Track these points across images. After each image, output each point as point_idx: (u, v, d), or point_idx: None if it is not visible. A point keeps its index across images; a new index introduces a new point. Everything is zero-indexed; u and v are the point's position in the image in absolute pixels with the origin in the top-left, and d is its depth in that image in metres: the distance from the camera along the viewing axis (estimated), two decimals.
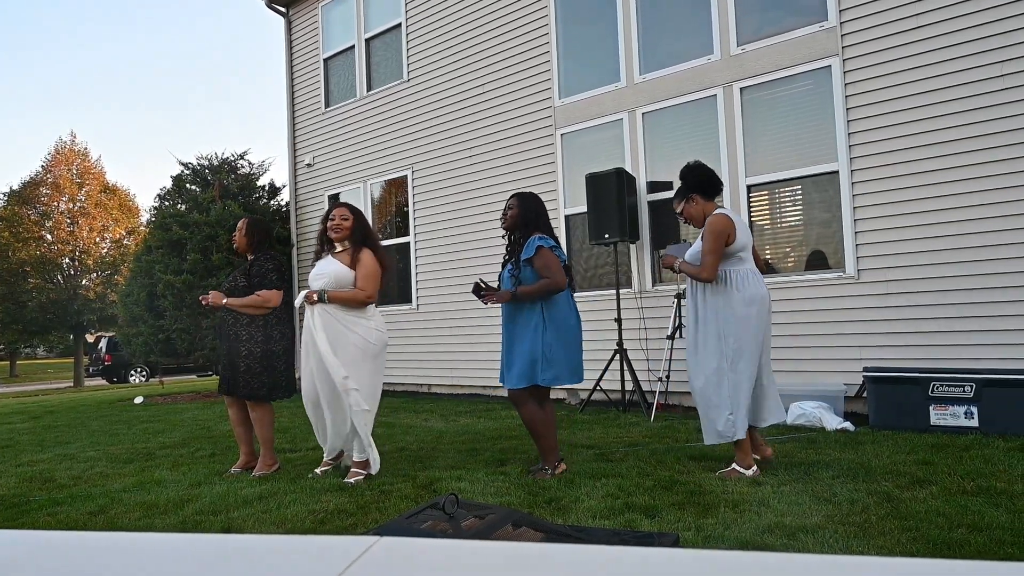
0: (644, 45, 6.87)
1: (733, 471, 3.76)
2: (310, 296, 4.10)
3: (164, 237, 10.18)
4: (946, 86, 5.21)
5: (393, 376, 8.99)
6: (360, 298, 4.15)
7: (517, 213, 4.12)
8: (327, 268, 4.18)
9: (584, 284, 7.24)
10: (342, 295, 4.11)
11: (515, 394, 4.04)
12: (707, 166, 4.02)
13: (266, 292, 4.44)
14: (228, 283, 4.55)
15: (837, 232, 5.71)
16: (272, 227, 5.23)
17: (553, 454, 4.01)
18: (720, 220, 3.80)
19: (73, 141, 30.13)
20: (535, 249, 3.95)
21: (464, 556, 0.63)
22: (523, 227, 4.11)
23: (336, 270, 4.15)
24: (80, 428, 7.38)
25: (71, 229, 28.39)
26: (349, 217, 4.28)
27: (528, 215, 4.10)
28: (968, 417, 4.61)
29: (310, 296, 4.10)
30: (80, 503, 3.87)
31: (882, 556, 1.48)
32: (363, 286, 4.14)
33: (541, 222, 4.12)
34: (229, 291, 4.49)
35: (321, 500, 3.64)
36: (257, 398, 4.42)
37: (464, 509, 1.97)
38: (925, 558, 0.58)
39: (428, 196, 8.66)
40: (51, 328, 29.25)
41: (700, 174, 3.96)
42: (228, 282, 4.57)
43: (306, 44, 10.49)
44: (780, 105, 6.07)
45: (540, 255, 3.94)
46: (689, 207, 3.98)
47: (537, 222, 4.10)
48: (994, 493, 3.17)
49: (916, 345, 5.28)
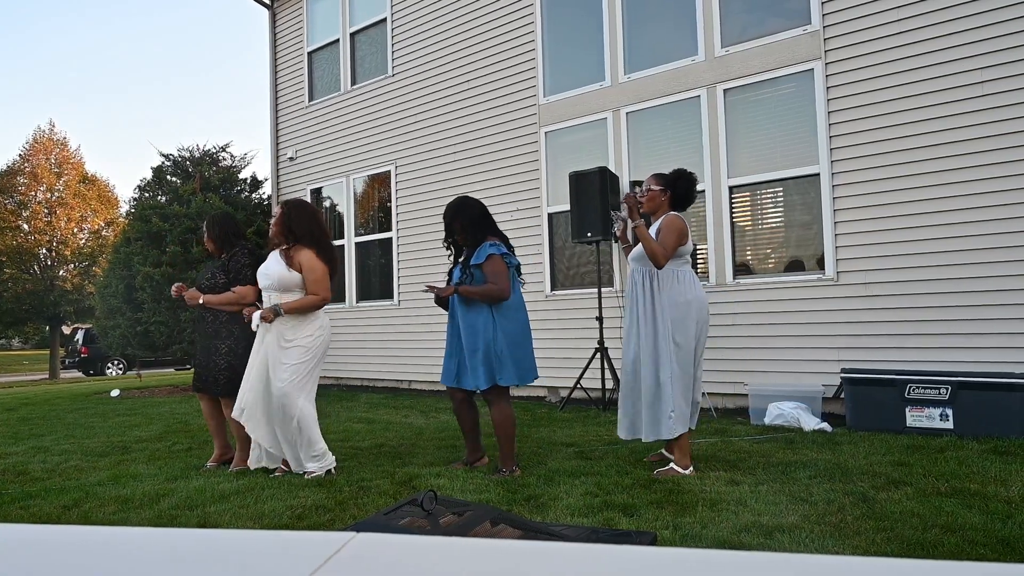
0: (629, 45, 6.89)
1: (671, 470, 3.80)
2: (266, 317, 3.98)
3: (143, 229, 10.06)
4: (926, 91, 5.28)
5: (374, 372, 8.96)
6: (315, 302, 4.04)
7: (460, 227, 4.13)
8: (271, 268, 4.08)
9: (566, 283, 7.25)
10: (296, 305, 4.00)
11: (493, 392, 4.00)
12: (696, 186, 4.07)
13: (241, 288, 4.38)
14: (207, 280, 4.46)
15: (817, 234, 5.77)
16: (234, 215, 5.08)
17: (514, 457, 4.04)
18: (682, 222, 3.88)
19: (52, 130, 29.64)
20: (485, 256, 3.96)
21: (441, 553, 0.63)
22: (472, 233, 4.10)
23: (278, 273, 4.03)
24: (55, 420, 7.27)
25: (48, 219, 27.95)
26: (277, 214, 4.14)
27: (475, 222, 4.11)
28: (943, 419, 4.68)
29: (266, 317, 3.98)
30: (54, 496, 3.81)
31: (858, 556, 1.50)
32: (315, 291, 4.03)
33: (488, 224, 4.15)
34: (208, 288, 4.42)
35: (299, 495, 3.61)
36: (231, 394, 4.36)
37: (443, 506, 1.96)
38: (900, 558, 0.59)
39: (411, 192, 8.63)
40: (27, 319, 28.81)
41: (690, 188, 4.01)
42: (207, 279, 4.47)
43: (290, 37, 10.41)
44: (763, 107, 6.11)
45: (491, 262, 3.96)
46: (658, 199, 3.99)
47: (485, 226, 4.12)
48: (968, 495, 3.21)
49: (894, 347, 5.35)
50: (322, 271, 4.06)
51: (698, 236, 6.43)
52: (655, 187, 4.00)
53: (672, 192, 3.98)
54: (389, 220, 8.95)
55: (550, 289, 7.33)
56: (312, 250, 4.09)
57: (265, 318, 3.99)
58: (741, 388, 5.90)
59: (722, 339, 6.09)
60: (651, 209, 4.01)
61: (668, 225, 3.84)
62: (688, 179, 4.01)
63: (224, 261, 4.48)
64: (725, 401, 6.15)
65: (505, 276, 3.95)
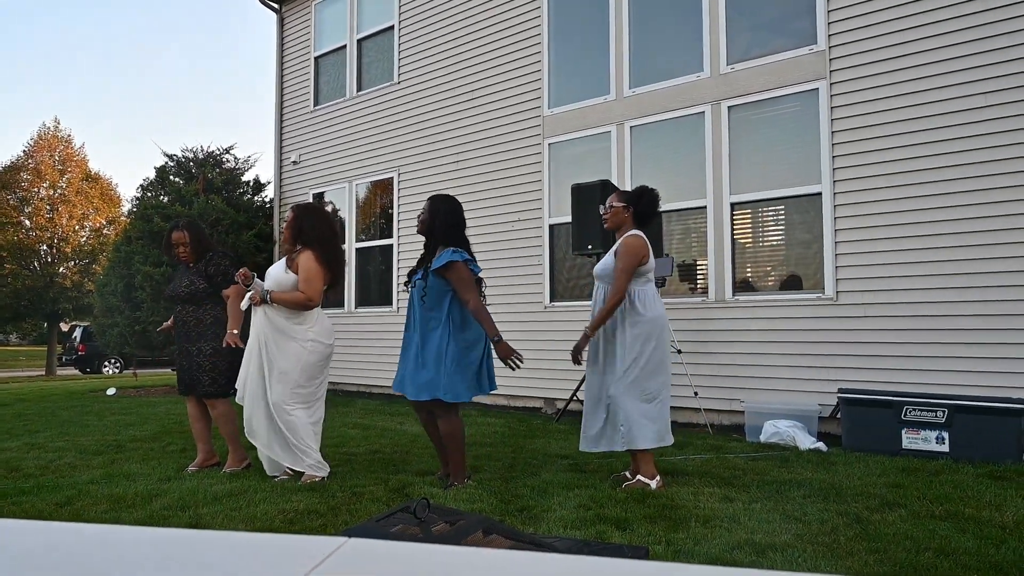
0: (635, 59, 6.93)
1: (638, 482, 3.82)
2: (253, 297, 4.05)
3: (145, 228, 10.07)
4: (929, 114, 5.31)
5: (370, 379, 8.95)
6: (300, 300, 4.05)
7: (428, 218, 4.09)
8: (272, 271, 4.20)
9: (565, 294, 7.25)
10: (283, 296, 4.06)
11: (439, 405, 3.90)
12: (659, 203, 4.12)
13: (231, 290, 4.41)
14: (185, 288, 4.43)
15: (818, 253, 5.78)
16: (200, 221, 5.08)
17: (464, 469, 4.00)
18: (639, 241, 3.92)
19: (56, 127, 29.74)
20: (445, 262, 3.87)
21: (432, 560, 0.63)
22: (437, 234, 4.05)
23: (276, 274, 4.15)
24: (50, 417, 7.26)
25: (50, 216, 27.97)
26: (289, 219, 4.23)
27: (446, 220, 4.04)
28: (939, 442, 4.67)
29: (253, 297, 4.05)
30: (47, 493, 3.80)
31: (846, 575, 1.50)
32: (302, 288, 4.06)
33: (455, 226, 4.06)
34: (189, 295, 4.42)
35: (292, 500, 3.60)
36: (218, 395, 4.39)
37: (435, 514, 1.96)
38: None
39: (413, 199, 8.64)
40: (25, 315, 28.79)
41: (653, 205, 4.06)
42: (184, 287, 4.43)
43: (298, 41, 10.45)
44: (767, 125, 6.14)
45: (454, 268, 3.87)
46: (621, 215, 4.01)
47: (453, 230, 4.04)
48: (962, 519, 3.21)
49: (891, 369, 5.35)
50: (315, 272, 4.08)
51: (698, 252, 6.44)
52: (617, 203, 4.04)
53: (635, 208, 4.02)
54: (390, 227, 8.96)
55: (549, 300, 7.33)
56: (313, 251, 4.12)
57: (252, 298, 4.05)
58: (737, 405, 5.89)
59: (720, 355, 6.09)
60: (615, 225, 4.06)
61: (625, 249, 3.89)
62: (651, 196, 4.05)
63: (201, 267, 4.47)
64: (721, 418, 6.14)
65: (470, 284, 3.87)
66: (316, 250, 4.13)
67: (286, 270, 4.14)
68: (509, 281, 7.53)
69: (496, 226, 7.74)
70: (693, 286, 6.51)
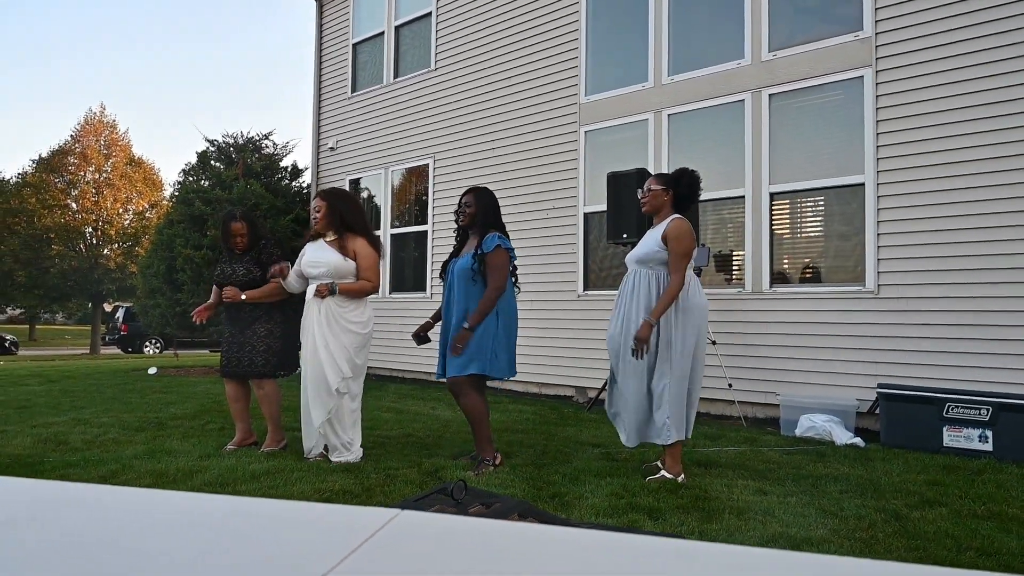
0: (674, 46, 6.83)
1: (662, 477, 3.74)
2: (321, 290, 4.07)
3: (186, 212, 10.27)
4: (978, 103, 5.15)
5: (403, 363, 9.03)
6: (368, 289, 4.17)
7: (475, 211, 4.16)
8: (323, 257, 4.16)
9: (598, 283, 7.22)
10: (352, 287, 4.12)
11: (458, 382, 4.03)
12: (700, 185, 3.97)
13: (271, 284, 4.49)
14: (242, 276, 4.50)
15: (859, 245, 5.66)
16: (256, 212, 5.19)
17: (491, 445, 4.06)
18: (687, 224, 3.77)
19: (102, 112, 30.45)
20: (493, 247, 4.01)
21: (482, 534, 0.64)
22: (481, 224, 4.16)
23: (335, 261, 4.13)
24: (95, 394, 7.48)
25: (96, 199, 28.73)
26: (322, 206, 4.24)
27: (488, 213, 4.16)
28: (983, 441, 4.57)
29: (321, 290, 4.07)
30: (92, 467, 3.92)
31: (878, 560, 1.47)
32: (369, 277, 4.16)
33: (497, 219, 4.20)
34: (247, 283, 4.49)
35: (328, 480, 3.67)
36: (268, 375, 4.49)
37: (472, 496, 1.98)
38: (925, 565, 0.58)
39: (448, 186, 8.67)
40: (71, 295, 29.67)
41: (693, 187, 3.90)
42: (242, 275, 4.50)
43: (336, 28, 10.53)
44: (809, 114, 6.02)
45: (497, 254, 4.01)
46: (660, 198, 3.88)
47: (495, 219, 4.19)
48: (1006, 519, 3.13)
49: (932, 364, 5.22)
50: (375, 259, 4.20)
51: (736, 242, 6.35)
52: (656, 186, 3.89)
53: (674, 191, 3.87)
54: (425, 213, 9.01)
55: (583, 289, 7.31)
56: (365, 238, 4.23)
57: (320, 292, 4.07)
58: (773, 398, 5.82)
59: (756, 347, 6.02)
60: (653, 209, 3.90)
61: (675, 235, 3.71)
62: (692, 177, 3.88)
63: (254, 255, 4.56)
64: (756, 411, 6.08)
65: (504, 273, 4.02)
66: (368, 237, 4.25)
67: (344, 258, 4.14)
68: (543, 269, 7.53)
69: (530, 214, 7.73)
70: (729, 277, 6.44)
